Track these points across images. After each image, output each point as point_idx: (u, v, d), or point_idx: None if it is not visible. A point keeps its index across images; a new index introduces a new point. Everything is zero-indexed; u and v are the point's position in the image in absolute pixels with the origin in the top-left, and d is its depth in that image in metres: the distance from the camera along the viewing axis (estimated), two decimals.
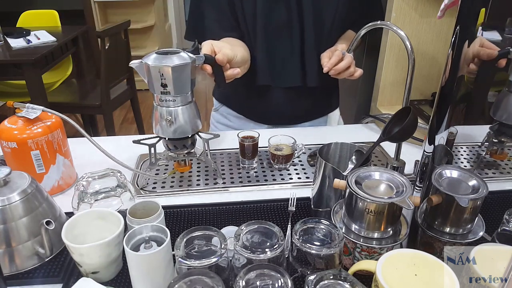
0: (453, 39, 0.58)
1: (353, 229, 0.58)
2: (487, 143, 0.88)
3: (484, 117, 0.85)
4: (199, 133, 0.82)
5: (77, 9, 3.32)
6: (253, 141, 0.87)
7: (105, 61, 2.01)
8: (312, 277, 0.48)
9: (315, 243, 0.55)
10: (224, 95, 1.13)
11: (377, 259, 0.50)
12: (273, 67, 0.99)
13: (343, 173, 0.63)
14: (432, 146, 0.65)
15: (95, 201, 0.67)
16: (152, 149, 0.82)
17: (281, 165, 0.90)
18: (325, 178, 0.67)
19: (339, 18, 0.98)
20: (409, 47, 0.71)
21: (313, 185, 0.72)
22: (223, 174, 0.88)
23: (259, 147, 0.90)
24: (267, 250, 0.53)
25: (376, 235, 0.57)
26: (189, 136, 0.79)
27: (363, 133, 1.08)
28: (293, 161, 0.93)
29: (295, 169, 0.90)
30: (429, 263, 0.49)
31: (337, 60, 0.89)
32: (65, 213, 0.70)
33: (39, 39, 2.15)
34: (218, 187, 0.83)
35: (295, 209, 0.74)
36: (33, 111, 0.75)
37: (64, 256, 0.64)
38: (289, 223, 0.70)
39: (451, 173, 0.60)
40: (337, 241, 0.54)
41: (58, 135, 0.78)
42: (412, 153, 0.87)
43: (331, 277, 0.48)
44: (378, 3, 1.06)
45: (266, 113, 1.08)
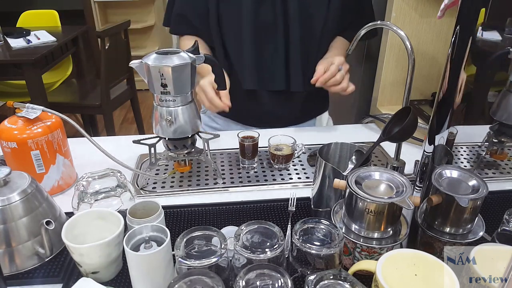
0: (453, 39, 0.58)
1: (353, 229, 0.58)
2: (487, 143, 0.88)
3: (484, 117, 0.85)
4: (199, 133, 0.82)
5: (77, 9, 3.32)
6: (253, 141, 0.87)
7: (105, 61, 2.01)
8: (312, 277, 0.48)
9: (315, 243, 0.55)
10: None
11: (377, 259, 0.50)
12: (259, 71, 0.99)
13: (343, 173, 0.63)
14: (432, 146, 0.65)
15: (95, 201, 0.67)
16: (152, 149, 0.82)
17: (281, 165, 0.90)
18: (325, 178, 0.67)
19: (329, 25, 0.97)
20: (409, 47, 0.71)
21: (313, 185, 0.71)
22: (223, 174, 0.88)
23: (259, 147, 0.90)
24: (267, 250, 0.53)
25: (376, 235, 0.57)
26: (189, 136, 0.79)
27: (363, 133, 1.08)
28: (293, 161, 0.93)
29: (295, 169, 0.90)
30: (429, 263, 0.49)
31: (330, 76, 0.89)
32: (65, 213, 0.70)
33: (39, 39, 2.15)
34: (218, 187, 0.83)
35: (295, 209, 0.74)
36: (33, 111, 0.75)
37: (64, 256, 0.64)
38: (289, 223, 0.70)
39: (451, 173, 0.60)
40: (337, 241, 0.54)
41: (58, 135, 0.78)
42: (412, 153, 0.87)
43: (331, 277, 0.48)
44: (369, 10, 1.05)
45: (252, 116, 1.08)
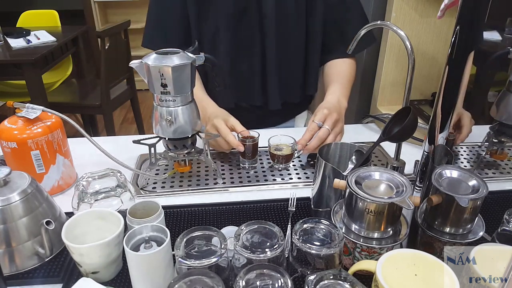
0: (453, 39, 0.58)
1: (353, 229, 0.58)
2: (487, 143, 0.88)
3: (484, 117, 0.85)
4: (199, 133, 0.82)
5: (77, 9, 3.32)
6: (253, 141, 0.87)
7: (105, 61, 2.01)
8: (312, 277, 0.48)
9: (315, 243, 0.55)
10: None
11: (377, 259, 0.50)
12: (236, 89, 0.99)
13: (343, 173, 0.63)
14: (432, 146, 0.65)
15: (95, 201, 0.67)
16: (152, 149, 0.82)
17: (281, 165, 0.90)
18: (325, 178, 0.67)
19: (311, 44, 0.97)
20: (409, 47, 0.71)
21: (313, 185, 0.71)
22: (223, 174, 0.88)
23: (260, 147, 0.90)
24: (267, 250, 0.53)
25: (376, 235, 0.57)
26: (189, 136, 0.79)
27: (363, 133, 1.08)
28: (293, 161, 0.93)
29: (295, 169, 0.90)
30: (429, 263, 0.49)
31: (310, 136, 0.82)
32: (65, 213, 0.70)
33: (39, 39, 2.15)
34: (218, 187, 0.83)
35: (295, 209, 0.74)
36: (33, 111, 0.75)
37: (64, 256, 0.64)
38: (289, 223, 0.70)
39: (451, 173, 0.60)
40: (337, 241, 0.54)
41: (58, 135, 0.78)
42: (412, 153, 0.87)
43: (331, 277, 0.48)
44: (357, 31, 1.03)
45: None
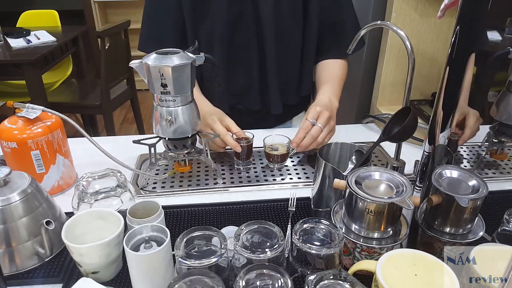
0: (453, 39, 0.58)
1: (353, 229, 0.58)
2: (487, 143, 0.88)
3: (484, 117, 0.85)
4: (199, 133, 0.82)
5: (77, 9, 3.32)
6: (247, 142, 0.86)
7: (105, 61, 2.01)
8: (312, 277, 0.48)
9: (315, 243, 0.55)
10: None
11: (377, 259, 0.50)
12: (232, 94, 0.99)
13: (343, 173, 0.63)
14: (432, 146, 0.65)
15: (95, 201, 0.67)
16: (152, 149, 0.82)
17: (276, 165, 0.89)
18: (325, 178, 0.67)
19: (307, 47, 0.96)
20: (409, 47, 0.71)
21: (313, 185, 0.71)
22: (223, 174, 0.88)
23: (257, 147, 0.90)
24: (267, 250, 0.53)
25: (376, 235, 0.57)
26: (189, 136, 0.79)
27: (363, 133, 1.08)
28: (293, 161, 0.93)
29: (295, 169, 0.90)
30: (429, 263, 0.49)
31: (304, 135, 0.82)
32: (65, 213, 0.70)
33: (39, 39, 2.15)
34: (218, 187, 0.83)
35: (295, 209, 0.74)
36: (33, 111, 0.75)
37: (64, 256, 0.64)
38: (289, 223, 0.70)
39: (451, 173, 0.60)
40: (337, 241, 0.54)
41: (58, 135, 0.78)
42: (412, 153, 0.87)
43: (331, 277, 0.48)
44: (358, 27, 1.02)
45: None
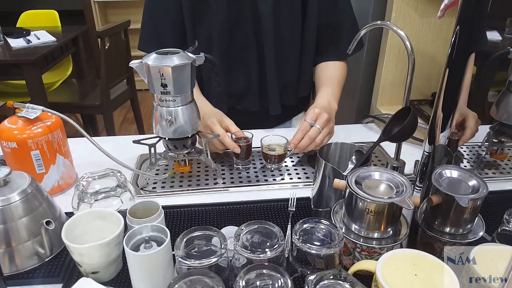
0: (453, 39, 0.58)
1: (353, 229, 0.58)
2: (487, 143, 0.88)
3: (484, 117, 0.85)
4: (199, 133, 0.82)
5: (77, 9, 3.32)
6: (247, 142, 0.86)
7: (105, 61, 2.01)
8: (312, 277, 0.48)
9: (315, 243, 0.54)
10: None
11: (377, 259, 0.50)
12: (230, 96, 0.98)
13: (343, 173, 0.63)
14: (432, 146, 0.65)
15: (95, 201, 0.67)
16: (152, 149, 0.82)
17: (274, 165, 0.89)
18: (325, 178, 0.67)
19: (306, 49, 0.96)
20: (409, 47, 0.71)
21: (313, 185, 0.71)
22: (223, 174, 0.88)
23: (257, 147, 0.90)
24: (267, 250, 0.53)
25: (376, 235, 0.57)
26: (189, 136, 0.79)
27: (363, 133, 1.08)
28: (292, 161, 0.93)
29: (295, 169, 0.90)
30: (429, 263, 0.49)
31: (309, 142, 0.81)
32: (65, 213, 0.70)
33: (39, 39, 2.15)
34: (218, 187, 0.83)
35: (295, 209, 0.74)
36: (33, 111, 0.75)
37: (64, 256, 0.64)
38: (289, 223, 0.70)
39: (451, 173, 0.60)
40: (337, 241, 0.54)
41: (58, 135, 0.78)
42: (412, 153, 0.87)
43: (331, 277, 0.48)
44: (357, 28, 1.02)
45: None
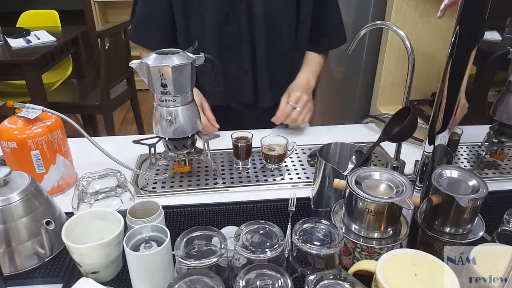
0: (453, 39, 0.58)
1: (353, 229, 0.58)
2: (487, 143, 0.88)
3: (484, 117, 0.85)
4: (199, 133, 0.82)
5: (77, 9, 3.32)
6: (246, 142, 0.86)
7: (105, 61, 2.01)
8: (312, 277, 0.48)
9: (315, 243, 0.54)
10: None
11: (377, 259, 0.50)
12: (225, 86, 0.98)
13: (343, 173, 0.63)
14: (432, 146, 0.65)
15: (95, 201, 0.67)
16: (152, 149, 0.82)
17: (274, 165, 0.89)
18: (325, 178, 0.67)
19: (299, 38, 0.97)
20: (409, 47, 0.71)
21: (313, 185, 0.71)
22: (223, 174, 0.88)
23: (256, 147, 0.90)
24: (267, 250, 0.53)
25: (376, 235, 0.57)
26: (189, 136, 0.79)
27: (363, 133, 1.08)
28: (293, 161, 0.93)
29: (295, 169, 0.90)
30: (429, 263, 0.49)
31: (284, 118, 0.95)
32: (65, 213, 0.70)
33: (39, 39, 2.14)
34: (218, 187, 0.83)
35: (295, 209, 0.74)
36: (33, 111, 0.75)
37: (64, 256, 0.64)
38: (289, 223, 0.70)
39: (451, 173, 0.60)
40: (337, 241, 0.54)
41: (58, 135, 0.78)
42: (412, 153, 0.87)
43: (331, 277, 0.48)
44: (340, 25, 1.06)
45: (222, 123, 1.03)
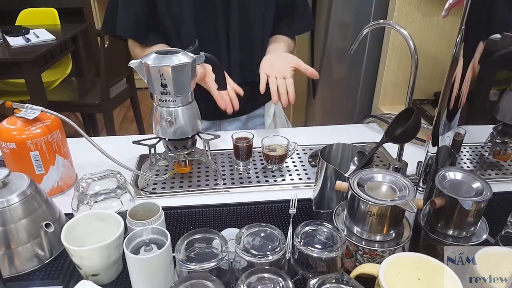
0: (458, 39, 0.57)
1: (355, 232, 0.58)
2: (490, 144, 0.88)
3: (486, 117, 0.84)
4: (199, 134, 0.82)
5: (77, 7, 3.31)
6: (247, 142, 0.86)
7: (104, 60, 2.00)
8: (314, 281, 0.47)
9: (316, 246, 0.54)
10: None
11: (379, 262, 0.49)
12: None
13: (345, 175, 0.63)
14: (436, 147, 0.64)
15: (95, 202, 0.66)
16: (152, 149, 0.81)
17: (275, 166, 0.89)
18: (326, 179, 0.67)
19: (267, 21, 1.03)
20: (413, 47, 0.70)
21: (315, 186, 0.71)
22: (224, 174, 0.87)
23: (257, 147, 0.89)
24: (268, 253, 0.52)
25: (378, 238, 0.57)
26: (189, 136, 0.78)
27: (364, 133, 1.08)
28: (294, 161, 0.92)
29: (296, 169, 0.90)
30: (432, 267, 0.48)
31: (275, 88, 0.93)
32: (65, 214, 0.70)
33: (38, 37, 2.13)
34: (218, 188, 0.83)
35: (296, 211, 0.73)
36: (32, 111, 0.74)
37: (64, 258, 0.64)
38: (290, 225, 0.70)
39: (455, 175, 0.59)
40: (339, 244, 0.54)
41: (57, 136, 0.77)
42: (414, 154, 0.86)
43: (333, 281, 0.48)
44: (308, 11, 1.10)
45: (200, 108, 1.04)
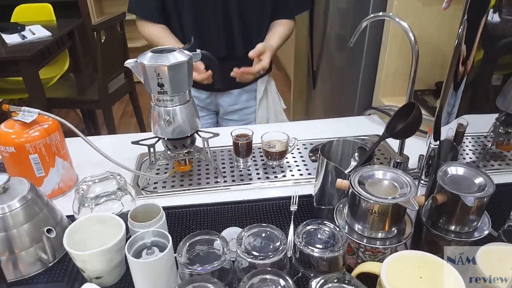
0: (460, 30, 0.56)
1: (356, 229, 0.58)
2: (493, 134, 0.87)
3: (489, 107, 0.83)
4: (198, 132, 0.81)
5: (71, 0, 3.26)
6: (247, 139, 0.85)
7: (101, 55, 1.98)
8: (316, 280, 0.47)
9: (318, 245, 0.54)
10: None
11: (381, 259, 0.49)
12: (201, 39, 1.06)
13: (345, 172, 0.62)
14: (437, 141, 0.64)
15: (96, 205, 0.66)
16: (151, 149, 0.81)
17: (275, 162, 0.88)
18: (327, 176, 0.66)
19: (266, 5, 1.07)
20: (412, 39, 0.69)
21: (316, 182, 0.71)
22: (224, 172, 0.87)
23: (257, 143, 0.89)
24: (270, 254, 0.52)
25: (380, 235, 0.56)
26: (188, 135, 0.78)
27: (365, 126, 1.07)
28: (294, 157, 0.92)
29: (297, 165, 0.89)
30: (434, 265, 0.48)
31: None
32: (67, 216, 0.70)
33: (34, 34, 2.11)
34: (219, 186, 0.83)
35: (297, 207, 0.73)
36: (30, 114, 0.74)
37: (67, 260, 0.64)
38: (292, 222, 0.69)
39: (457, 170, 0.58)
40: (341, 243, 0.53)
41: (56, 138, 0.76)
42: (415, 146, 0.85)
43: (335, 280, 0.48)
44: None
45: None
